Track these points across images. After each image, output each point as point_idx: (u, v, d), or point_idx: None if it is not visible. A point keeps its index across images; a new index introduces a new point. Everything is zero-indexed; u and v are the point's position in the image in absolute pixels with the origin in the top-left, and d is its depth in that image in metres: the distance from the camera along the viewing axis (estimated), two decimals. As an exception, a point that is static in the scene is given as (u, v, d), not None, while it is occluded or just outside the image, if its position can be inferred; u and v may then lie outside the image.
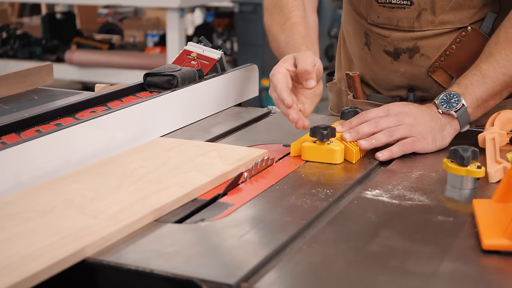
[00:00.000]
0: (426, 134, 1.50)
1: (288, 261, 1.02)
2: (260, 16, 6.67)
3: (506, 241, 1.03)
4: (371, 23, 1.78)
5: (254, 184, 1.31)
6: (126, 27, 8.55)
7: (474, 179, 1.29)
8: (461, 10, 1.68)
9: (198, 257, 1.03)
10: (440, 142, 1.52)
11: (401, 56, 1.75)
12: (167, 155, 1.40)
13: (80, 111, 1.51)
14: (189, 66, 1.78)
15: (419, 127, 1.49)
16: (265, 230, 1.12)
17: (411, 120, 1.50)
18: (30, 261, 0.97)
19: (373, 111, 1.53)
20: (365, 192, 1.27)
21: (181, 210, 1.19)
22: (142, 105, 1.52)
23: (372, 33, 1.79)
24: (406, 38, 1.73)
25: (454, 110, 1.53)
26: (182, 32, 6.04)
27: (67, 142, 1.33)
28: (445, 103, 1.53)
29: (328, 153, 1.42)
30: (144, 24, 8.68)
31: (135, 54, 6.86)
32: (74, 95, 1.95)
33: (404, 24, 1.72)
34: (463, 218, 1.17)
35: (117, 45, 7.41)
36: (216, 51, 1.82)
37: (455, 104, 1.53)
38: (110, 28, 8.48)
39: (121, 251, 1.04)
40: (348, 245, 1.07)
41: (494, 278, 0.99)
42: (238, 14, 6.73)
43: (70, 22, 7.68)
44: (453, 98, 1.53)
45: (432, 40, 1.71)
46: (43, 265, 0.96)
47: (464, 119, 1.54)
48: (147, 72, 1.69)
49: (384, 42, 1.77)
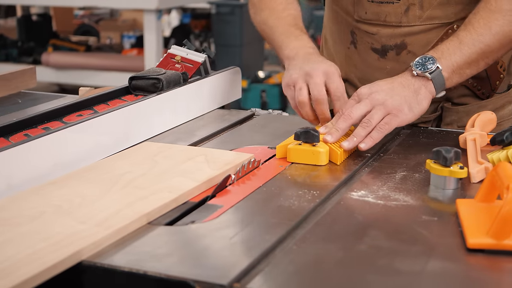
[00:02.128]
0: (401, 105, 1.50)
1: (278, 261, 1.04)
2: (238, 17, 6.71)
3: (490, 240, 1.06)
4: (358, 20, 1.80)
5: (241, 186, 1.33)
6: (102, 29, 8.55)
7: (456, 179, 1.32)
8: (448, 5, 1.71)
9: (190, 258, 1.05)
10: (417, 109, 1.53)
11: (388, 54, 1.78)
12: (154, 160, 1.41)
13: (67, 115, 1.52)
14: (173, 69, 1.80)
15: (392, 100, 1.50)
16: (254, 232, 1.14)
17: (383, 96, 1.51)
18: (20, 267, 0.97)
19: (346, 104, 1.55)
20: (351, 193, 1.30)
21: (171, 213, 1.21)
22: (129, 109, 1.53)
23: (359, 31, 1.81)
24: (394, 34, 1.75)
25: (429, 72, 1.54)
26: (159, 34, 6.05)
27: (56, 146, 1.34)
28: (420, 66, 1.55)
29: (314, 155, 1.45)
30: (120, 26, 8.68)
31: (112, 56, 6.86)
32: (58, 99, 1.95)
33: (392, 19, 1.74)
34: (447, 217, 1.20)
35: (93, 47, 7.41)
36: (200, 54, 1.84)
37: (430, 66, 1.54)
38: (86, 30, 8.47)
39: (114, 254, 1.05)
40: (336, 245, 1.09)
41: (480, 276, 1.02)
42: (215, 16, 6.75)
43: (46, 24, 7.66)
44: (428, 61, 1.55)
45: (420, 37, 1.74)
46: (34, 271, 0.97)
47: (439, 82, 1.55)
48: (132, 75, 1.71)
49: (371, 40, 1.79)
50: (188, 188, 1.27)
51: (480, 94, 1.80)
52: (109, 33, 8.43)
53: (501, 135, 1.41)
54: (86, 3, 6.38)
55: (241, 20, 6.65)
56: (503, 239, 1.06)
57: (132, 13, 8.88)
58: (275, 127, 1.74)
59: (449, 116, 1.80)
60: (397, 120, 1.50)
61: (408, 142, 1.61)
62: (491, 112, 1.61)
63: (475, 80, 1.76)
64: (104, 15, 9.72)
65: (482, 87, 1.79)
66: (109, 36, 8.35)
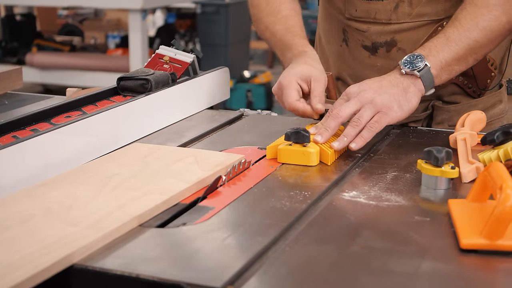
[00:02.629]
0: (390, 103, 1.50)
1: (271, 263, 1.03)
2: (223, 17, 6.70)
3: (484, 240, 1.06)
4: (349, 17, 1.81)
5: (232, 187, 1.32)
6: (87, 29, 8.51)
7: (448, 179, 1.32)
8: (437, 2, 1.71)
9: (183, 261, 1.04)
10: (407, 107, 1.52)
11: (378, 51, 1.78)
12: (144, 161, 1.40)
13: (55, 116, 1.50)
14: (162, 69, 1.79)
15: (382, 99, 1.50)
16: (246, 233, 1.13)
17: (371, 94, 1.50)
18: (12, 271, 0.96)
19: (335, 103, 1.54)
20: (342, 193, 1.29)
21: (163, 215, 1.20)
22: (118, 110, 1.52)
23: (350, 28, 1.81)
24: (384, 31, 1.76)
25: (417, 70, 1.54)
26: (144, 34, 6.04)
27: (46, 147, 1.33)
28: (408, 64, 1.54)
29: (304, 156, 1.44)
30: (105, 25, 8.65)
31: (97, 56, 6.84)
32: (45, 100, 1.94)
33: (381, 17, 1.75)
34: (440, 218, 1.19)
35: (78, 46, 7.37)
36: (188, 54, 1.83)
37: (418, 63, 1.54)
38: (70, 30, 8.43)
39: (105, 257, 1.04)
40: (329, 246, 1.09)
41: (474, 276, 1.02)
42: (200, 15, 6.74)
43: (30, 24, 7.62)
44: (416, 59, 1.55)
45: (409, 34, 1.74)
46: (26, 275, 0.95)
47: (427, 80, 1.55)
48: (121, 76, 1.69)
49: (362, 37, 1.80)
50: (179, 190, 1.26)
51: (471, 92, 1.80)
52: (93, 33, 8.39)
53: (491, 134, 1.41)
54: (71, 3, 6.35)
55: (226, 19, 6.64)
56: (496, 240, 1.06)
57: (116, 13, 8.85)
58: (265, 127, 1.73)
59: (440, 115, 1.80)
60: (387, 118, 1.50)
61: (398, 142, 1.61)
62: (480, 112, 1.62)
63: (465, 78, 1.77)
64: (88, 15, 9.68)
65: (473, 85, 1.79)
66: (93, 36, 8.31)
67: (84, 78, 6.30)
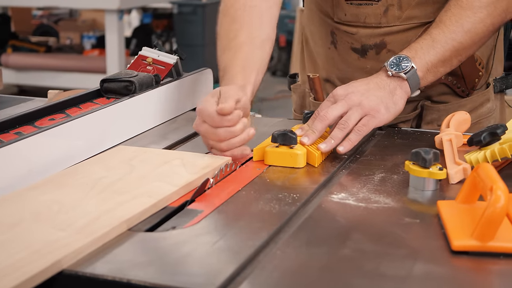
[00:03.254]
0: (378, 106, 1.50)
1: (263, 267, 1.02)
2: (200, 17, 6.69)
3: (475, 242, 1.06)
4: (337, 21, 1.80)
5: (220, 190, 1.31)
6: (62, 29, 8.45)
7: (436, 180, 1.32)
8: (426, 5, 1.71)
9: (174, 265, 1.03)
10: (393, 109, 1.52)
11: (368, 53, 1.78)
12: (130, 164, 1.38)
13: (38, 119, 1.49)
14: (145, 71, 1.78)
15: (369, 101, 1.49)
16: (237, 237, 1.12)
17: (359, 97, 1.50)
18: (1, 278, 0.94)
19: (322, 104, 1.53)
20: (331, 195, 1.29)
21: (151, 218, 1.18)
22: (103, 112, 1.51)
23: (339, 31, 1.81)
24: (373, 34, 1.76)
25: (404, 72, 1.54)
26: (121, 34, 6.01)
27: (31, 151, 1.32)
28: (395, 66, 1.55)
29: (291, 158, 1.44)
30: (80, 26, 8.59)
31: (74, 56, 6.79)
32: (26, 102, 1.92)
33: (371, 21, 1.75)
34: (429, 219, 1.19)
35: (54, 47, 7.32)
36: (171, 56, 1.82)
37: (405, 66, 1.54)
38: (45, 30, 8.36)
39: (95, 262, 1.03)
40: (321, 249, 1.08)
41: (467, 278, 1.02)
42: (177, 16, 6.71)
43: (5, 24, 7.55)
44: (402, 61, 1.55)
45: (399, 36, 1.74)
46: (15, 282, 0.94)
47: (414, 82, 1.55)
48: (104, 78, 1.68)
49: (351, 40, 1.79)
50: (167, 193, 1.25)
51: (460, 92, 1.81)
52: (68, 34, 8.33)
53: (478, 135, 1.41)
54: (47, 3, 6.30)
55: (203, 20, 6.63)
56: (488, 241, 1.06)
57: (91, 13, 8.78)
58: (249, 129, 1.72)
59: (430, 114, 1.81)
60: (374, 121, 1.50)
61: (384, 143, 1.61)
62: (465, 112, 1.62)
63: (454, 78, 1.78)
64: (63, 15, 9.61)
65: (461, 85, 1.80)
66: (68, 37, 8.25)
67: (60, 79, 6.26)
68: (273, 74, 8.60)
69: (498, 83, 1.87)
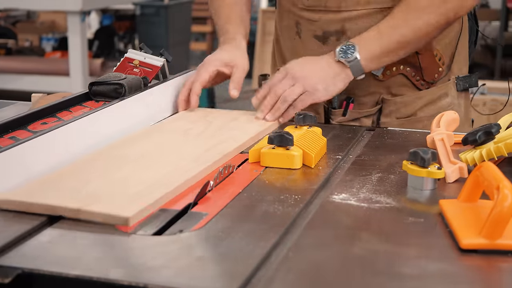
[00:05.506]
0: (317, 85, 1.70)
1: (277, 269, 1.02)
2: (163, 18, 6.66)
3: (484, 240, 1.07)
4: (302, 7, 1.87)
5: (220, 193, 1.31)
6: (20, 31, 8.33)
7: (434, 180, 1.34)
8: None
9: (188, 269, 1.02)
10: (332, 90, 1.72)
11: (329, 40, 1.85)
12: (207, 120, 1.70)
13: (31, 123, 1.47)
14: (132, 74, 1.77)
15: (311, 80, 1.70)
16: (246, 239, 1.12)
17: (305, 74, 1.70)
18: (152, 192, 1.24)
19: (274, 78, 1.74)
20: (332, 196, 1.30)
21: (156, 222, 1.18)
22: (97, 114, 1.51)
23: (303, 19, 1.88)
24: (334, 20, 1.83)
25: (347, 61, 1.70)
26: (84, 36, 5.96)
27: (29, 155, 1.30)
28: (343, 53, 1.71)
29: (288, 159, 1.44)
30: (39, 28, 8.48)
31: (35, 59, 6.71)
32: (9, 106, 1.90)
33: (332, 5, 1.83)
34: (433, 218, 1.21)
35: (14, 49, 7.21)
36: (158, 58, 1.81)
37: (350, 55, 1.70)
38: (3, 32, 8.24)
39: (108, 268, 1.02)
40: (332, 250, 1.09)
41: (479, 276, 1.03)
42: (139, 17, 6.68)
43: (-38, 27, 7.43)
44: (350, 49, 1.71)
45: (358, 22, 1.82)
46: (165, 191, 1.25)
47: (356, 69, 1.72)
48: (92, 81, 1.66)
49: (313, 27, 1.87)
50: (246, 139, 1.57)
51: (419, 85, 1.88)
52: (27, 36, 8.22)
53: (473, 135, 1.43)
54: (6, 4, 6.22)
55: (166, 21, 6.60)
56: (496, 239, 1.07)
57: (50, 15, 8.68)
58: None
59: (388, 107, 1.87)
60: (310, 99, 1.71)
61: (375, 143, 1.63)
62: (454, 112, 1.64)
63: (413, 70, 1.85)
64: (20, 16, 9.47)
65: (420, 77, 1.87)
66: (27, 39, 8.14)
67: (22, 82, 6.18)
68: (235, 74, 8.59)
69: (461, 82, 1.94)
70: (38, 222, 1.17)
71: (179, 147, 1.50)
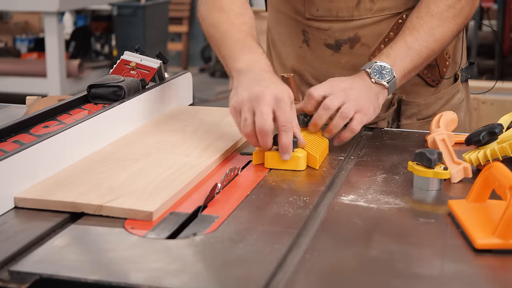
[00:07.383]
0: (369, 105, 1.57)
1: (296, 272, 1.02)
2: (140, 19, 6.62)
3: (498, 240, 1.08)
4: (309, 17, 1.83)
5: (228, 195, 1.31)
6: (-8, 32, 8.24)
7: (440, 180, 1.34)
8: None
9: (208, 272, 1.02)
10: (378, 110, 1.61)
11: (342, 48, 1.82)
12: (198, 117, 1.73)
13: (33, 126, 1.45)
14: (129, 76, 1.75)
15: (363, 100, 1.56)
16: (261, 241, 1.12)
17: (355, 94, 1.56)
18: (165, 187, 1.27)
19: (319, 90, 1.55)
20: (340, 197, 1.30)
21: (168, 225, 1.17)
22: (99, 117, 1.50)
23: (311, 28, 1.83)
24: (346, 28, 1.80)
25: (386, 81, 1.62)
26: (61, 37, 5.90)
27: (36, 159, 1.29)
28: (378, 74, 1.63)
29: (292, 160, 1.44)
30: (12, 29, 8.38)
31: (11, 60, 6.63)
32: (3, 109, 1.88)
33: (343, 14, 1.79)
34: (443, 219, 1.21)
35: (-12, 51, 7.13)
36: (154, 60, 1.80)
37: (387, 76, 1.63)
38: (-25, 33, 8.14)
39: (127, 273, 1.01)
40: (348, 252, 1.09)
41: (496, 275, 1.04)
42: (116, 18, 6.64)
43: None
44: (384, 69, 1.63)
45: (372, 28, 1.79)
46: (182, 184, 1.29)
47: (393, 88, 1.65)
48: (91, 83, 1.65)
49: (324, 36, 1.82)
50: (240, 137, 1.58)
51: (430, 81, 1.89)
52: (0, 37, 8.13)
53: (477, 135, 1.44)
54: (-19, 5, 6.15)
55: (144, 21, 6.57)
56: (510, 239, 1.08)
57: (24, 16, 8.59)
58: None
59: (410, 109, 1.87)
60: (365, 119, 1.55)
61: (375, 144, 1.63)
62: (452, 112, 1.66)
63: (425, 68, 1.83)
64: (-7, 17, 9.37)
65: (432, 74, 1.88)
66: (1, 40, 8.05)
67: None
68: (212, 75, 8.59)
69: (464, 73, 1.97)
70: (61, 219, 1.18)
71: (180, 144, 1.52)
